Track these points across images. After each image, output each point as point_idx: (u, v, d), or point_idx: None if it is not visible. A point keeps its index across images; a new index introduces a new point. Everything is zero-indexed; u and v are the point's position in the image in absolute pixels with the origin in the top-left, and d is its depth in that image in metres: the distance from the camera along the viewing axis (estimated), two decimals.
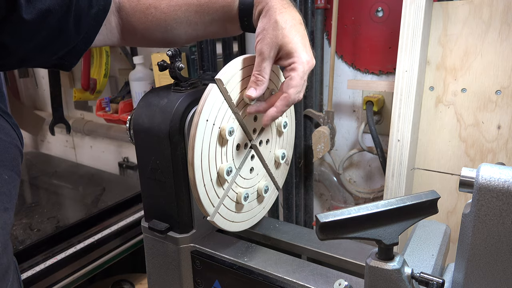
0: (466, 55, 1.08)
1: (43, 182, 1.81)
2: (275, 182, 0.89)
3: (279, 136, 0.86)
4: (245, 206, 0.80)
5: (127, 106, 1.63)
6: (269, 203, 0.89)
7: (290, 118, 0.88)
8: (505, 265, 0.53)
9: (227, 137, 0.71)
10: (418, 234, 0.76)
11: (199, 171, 0.69)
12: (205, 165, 0.70)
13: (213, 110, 0.69)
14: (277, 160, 0.86)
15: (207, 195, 0.72)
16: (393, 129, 1.09)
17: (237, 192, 0.78)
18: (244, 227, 0.83)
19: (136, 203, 1.51)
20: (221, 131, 0.71)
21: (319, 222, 0.52)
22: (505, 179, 0.51)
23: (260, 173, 0.83)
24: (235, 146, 0.75)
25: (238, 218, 0.81)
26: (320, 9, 1.30)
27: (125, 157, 2.03)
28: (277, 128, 0.85)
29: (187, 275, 0.83)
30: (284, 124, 0.84)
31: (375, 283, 0.56)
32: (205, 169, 0.70)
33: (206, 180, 0.71)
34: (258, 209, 0.85)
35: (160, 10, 0.75)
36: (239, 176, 0.78)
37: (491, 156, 1.10)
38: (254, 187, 0.82)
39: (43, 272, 1.15)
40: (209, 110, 0.68)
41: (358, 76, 1.34)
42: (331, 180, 1.46)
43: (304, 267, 0.74)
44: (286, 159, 0.88)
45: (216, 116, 0.70)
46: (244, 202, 0.78)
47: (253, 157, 0.80)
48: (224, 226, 0.78)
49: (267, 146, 0.83)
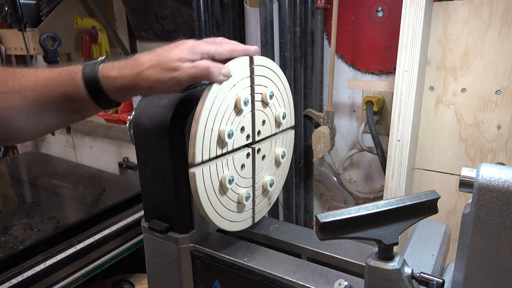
0: (466, 55, 1.08)
1: (43, 182, 1.81)
2: (253, 209, 0.86)
3: (275, 164, 0.87)
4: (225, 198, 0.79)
5: (127, 106, 1.63)
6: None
7: (288, 150, 0.90)
8: (505, 265, 0.53)
9: (241, 106, 0.73)
10: (418, 234, 0.76)
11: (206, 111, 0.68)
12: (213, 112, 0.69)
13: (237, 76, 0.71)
14: (264, 186, 0.85)
15: (202, 142, 0.70)
16: (393, 129, 1.09)
17: (224, 172, 0.76)
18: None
19: (136, 203, 1.51)
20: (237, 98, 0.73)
21: (319, 222, 0.52)
22: (505, 179, 0.51)
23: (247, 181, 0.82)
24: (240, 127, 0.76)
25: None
26: (320, 9, 1.30)
27: (125, 157, 2.04)
28: (275, 157, 0.87)
29: (187, 275, 0.83)
30: (282, 154, 0.87)
31: (375, 283, 0.56)
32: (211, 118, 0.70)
33: (208, 128, 0.70)
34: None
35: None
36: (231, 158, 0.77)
37: (491, 156, 1.10)
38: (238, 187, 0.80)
39: (43, 272, 1.15)
40: (235, 72, 0.70)
41: (358, 76, 1.34)
42: (331, 180, 1.46)
43: (304, 267, 0.74)
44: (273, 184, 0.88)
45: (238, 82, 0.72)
46: (228, 186, 0.76)
47: (248, 156, 0.80)
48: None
49: (262, 162, 0.84)
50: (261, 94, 0.78)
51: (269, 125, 0.83)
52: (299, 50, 1.27)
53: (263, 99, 0.79)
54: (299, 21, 1.25)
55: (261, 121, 0.81)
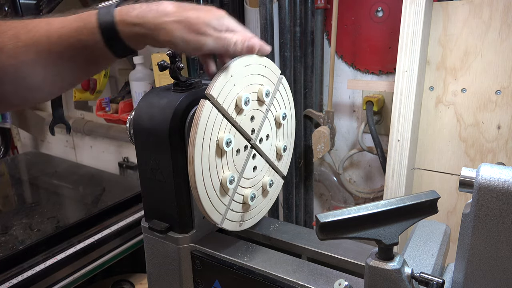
0: (466, 55, 1.08)
1: (43, 182, 1.81)
2: (280, 172, 0.89)
3: (278, 128, 0.86)
4: (252, 205, 0.81)
5: (127, 106, 1.63)
6: (274, 195, 0.90)
7: (290, 109, 0.88)
8: (505, 265, 0.53)
9: (225, 149, 0.72)
10: (418, 234, 0.76)
11: (202, 186, 0.70)
12: (207, 180, 0.71)
13: (208, 126, 0.69)
14: (279, 153, 0.86)
15: (213, 207, 0.73)
16: (393, 129, 1.09)
17: (243, 194, 0.79)
18: (256, 221, 0.86)
19: (136, 203, 1.51)
20: (219, 142, 0.71)
21: (319, 222, 0.52)
22: (505, 179, 0.51)
23: (264, 169, 0.84)
24: (235, 152, 0.76)
25: (247, 216, 0.82)
26: (320, 9, 1.30)
27: (125, 157, 2.04)
28: (276, 121, 0.84)
29: (187, 275, 0.83)
30: (283, 115, 0.84)
31: (375, 283, 0.56)
32: (208, 183, 0.71)
33: (210, 194, 0.72)
34: (264, 203, 0.86)
35: (5, 53, 0.60)
36: (242, 179, 0.78)
37: (491, 156, 1.10)
38: (258, 184, 0.83)
39: (43, 272, 1.15)
40: (204, 126, 0.68)
41: (358, 76, 1.34)
42: (331, 180, 1.46)
43: (304, 267, 0.74)
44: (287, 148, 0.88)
45: (212, 130, 0.70)
46: (251, 203, 0.80)
47: (255, 156, 0.80)
48: (235, 228, 0.80)
49: (268, 141, 0.83)
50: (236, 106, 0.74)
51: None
52: (299, 50, 1.27)
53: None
54: (299, 21, 1.25)
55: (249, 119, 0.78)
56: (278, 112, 0.83)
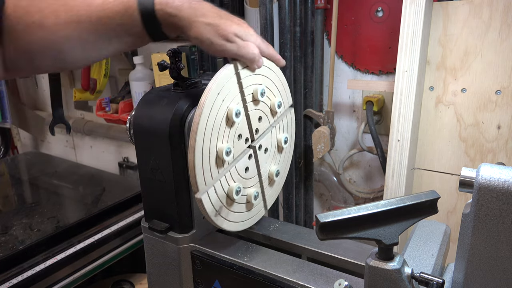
0: (466, 55, 1.08)
1: (43, 182, 1.81)
2: (264, 200, 0.87)
3: (278, 151, 0.87)
4: (234, 205, 0.79)
5: (127, 106, 1.63)
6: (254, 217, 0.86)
7: (290, 138, 0.90)
8: (505, 265, 0.53)
9: (233, 119, 0.72)
10: (418, 234, 0.76)
11: (200, 141, 0.68)
12: (207, 138, 0.70)
13: (226, 87, 0.70)
14: (270, 176, 0.86)
15: (202, 170, 0.70)
16: (393, 129, 1.09)
17: (229, 185, 0.76)
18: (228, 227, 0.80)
19: (136, 203, 1.51)
20: (229, 111, 0.72)
21: (319, 222, 0.52)
22: (505, 179, 0.51)
23: (254, 179, 0.82)
24: (237, 135, 0.75)
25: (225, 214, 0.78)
26: (320, 9, 1.30)
27: (125, 157, 2.03)
28: (278, 143, 0.86)
29: (187, 275, 0.83)
30: (284, 139, 0.86)
31: (375, 283, 0.56)
32: (206, 142, 0.70)
33: (205, 154, 0.70)
34: (245, 216, 0.83)
35: (47, 28, 0.64)
36: (234, 169, 0.77)
37: (491, 156, 1.10)
38: (245, 189, 0.80)
39: (43, 272, 1.15)
40: (222, 84, 0.69)
41: (358, 76, 1.34)
42: (331, 180, 1.46)
43: (304, 267, 0.74)
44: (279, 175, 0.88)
45: (228, 94, 0.71)
46: (235, 197, 0.77)
47: (251, 157, 0.80)
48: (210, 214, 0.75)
49: (265, 156, 0.83)
50: (252, 94, 0.76)
51: (266, 118, 0.82)
52: (299, 50, 1.27)
53: (254, 98, 0.77)
54: (299, 21, 1.25)
55: (257, 118, 0.79)
56: (280, 136, 0.85)
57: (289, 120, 0.89)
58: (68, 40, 0.66)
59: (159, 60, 0.78)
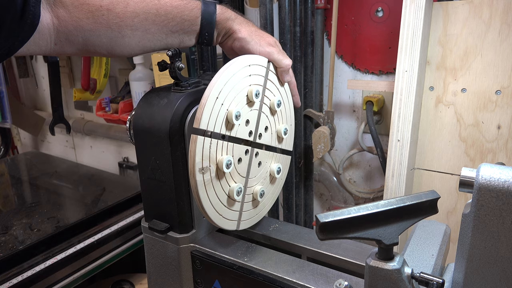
0: (466, 55, 1.08)
1: (43, 182, 1.81)
2: (285, 151, 0.90)
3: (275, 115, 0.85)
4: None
5: (127, 106, 1.63)
6: (283, 178, 0.92)
7: (285, 92, 0.87)
8: (505, 265, 0.53)
9: (225, 170, 0.73)
10: (418, 234, 0.76)
11: (210, 207, 0.73)
12: (213, 198, 0.73)
13: (205, 155, 0.70)
14: (280, 136, 0.86)
15: (225, 219, 0.76)
16: (393, 129, 1.09)
17: (252, 193, 0.82)
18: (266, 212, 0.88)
19: (136, 203, 1.51)
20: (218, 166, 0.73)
21: (319, 222, 0.52)
22: (505, 179, 0.51)
23: (268, 159, 0.85)
24: (237, 162, 0.76)
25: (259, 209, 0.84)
26: (320, 9, 1.30)
27: (125, 157, 2.03)
28: (271, 109, 0.83)
29: (187, 275, 0.83)
30: (277, 103, 0.83)
31: (375, 283, 0.56)
32: (215, 201, 0.74)
33: (220, 210, 0.75)
34: (273, 189, 0.88)
35: (114, 13, 0.67)
36: (249, 180, 0.80)
37: (491, 156, 1.10)
38: (266, 175, 0.85)
39: (43, 272, 1.15)
40: (200, 157, 0.69)
41: (358, 76, 1.34)
42: (331, 180, 1.46)
43: (304, 267, 0.74)
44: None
45: (209, 157, 0.71)
46: (260, 199, 0.82)
47: (257, 154, 0.81)
48: (252, 223, 0.83)
49: (267, 132, 0.83)
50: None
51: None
52: (299, 50, 1.27)
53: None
54: (299, 21, 1.25)
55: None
56: (272, 101, 0.81)
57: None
58: (132, 28, 0.69)
59: (159, 60, 0.78)
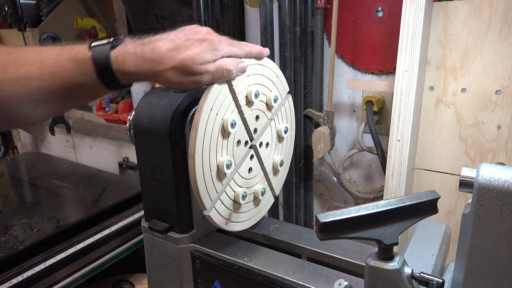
0: (466, 55, 1.08)
1: (43, 182, 1.81)
2: (272, 188, 0.89)
3: (279, 141, 0.87)
4: (242, 206, 0.81)
5: (127, 106, 1.63)
6: (265, 208, 0.89)
7: (291, 126, 0.89)
8: (505, 265, 0.53)
9: (229, 130, 0.71)
10: (418, 234, 0.76)
11: (199, 162, 0.69)
12: (205, 157, 0.70)
13: (218, 100, 0.69)
14: (275, 166, 0.87)
15: (205, 188, 0.71)
16: (393, 129, 1.09)
17: (235, 191, 0.78)
18: (240, 228, 0.83)
19: (136, 203, 1.51)
20: (224, 122, 0.71)
21: (319, 222, 0.52)
22: (505, 179, 0.51)
23: (258, 176, 0.83)
24: (236, 142, 0.76)
25: (235, 218, 0.80)
26: (320, 9, 1.30)
27: (125, 157, 2.04)
28: (278, 134, 0.85)
29: (187, 275, 0.83)
30: (285, 129, 0.85)
31: (375, 283, 0.56)
32: (206, 161, 0.70)
33: (206, 172, 0.71)
34: (254, 212, 0.85)
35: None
36: (237, 174, 0.77)
37: (491, 156, 1.10)
38: (251, 188, 0.82)
39: (43, 272, 1.15)
40: (214, 99, 0.69)
41: (358, 76, 1.34)
42: (331, 180, 1.46)
43: (304, 267, 0.74)
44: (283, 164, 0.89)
45: (220, 106, 0.70)
46: (242, 202, 0.78)
47: (252, 157, 0.80)
48: (221, 224, 0.77)
49: (266, 150, 0.83)
50: (246, 97, 0.75)
51: (264, 115, 0.82)
52: (299, 50, 1.27)
53: (248, 100, 0.76)
54: (299, 21, 1.25)
55: (254, 118, 0.79)
56: (280, 126, 0.85)
57: (288, 108, 0.88)
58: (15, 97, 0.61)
59: None
